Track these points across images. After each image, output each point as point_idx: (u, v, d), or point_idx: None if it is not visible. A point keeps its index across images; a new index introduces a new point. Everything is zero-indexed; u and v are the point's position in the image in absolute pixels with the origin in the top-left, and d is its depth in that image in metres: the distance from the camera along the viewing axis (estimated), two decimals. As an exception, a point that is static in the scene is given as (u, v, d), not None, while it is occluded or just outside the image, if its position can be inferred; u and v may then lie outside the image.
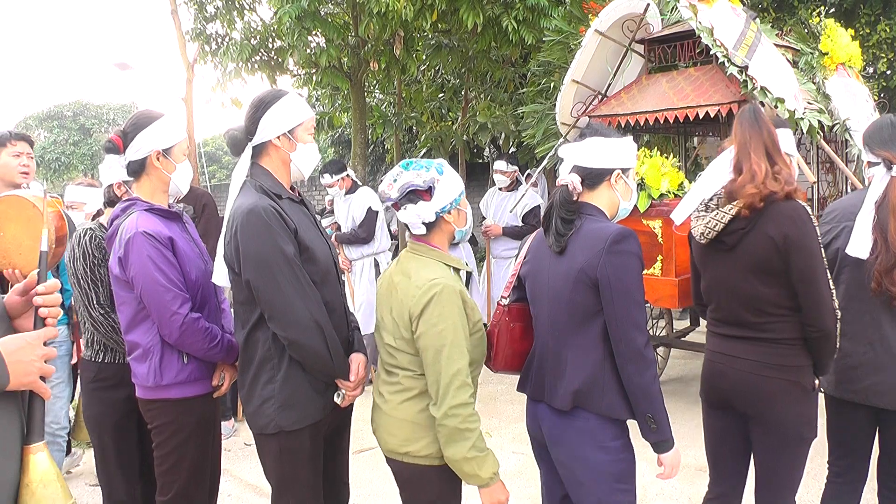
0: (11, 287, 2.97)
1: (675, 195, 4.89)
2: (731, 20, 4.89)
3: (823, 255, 2.38)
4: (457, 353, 2.17)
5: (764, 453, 2.52)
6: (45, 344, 1.50)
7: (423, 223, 2.29)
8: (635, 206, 4.63)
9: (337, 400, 2.48)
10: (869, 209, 2.63)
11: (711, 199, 2.53)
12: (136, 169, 2.64)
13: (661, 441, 2.23)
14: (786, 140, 2.63)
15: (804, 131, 4.69)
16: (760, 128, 2.44)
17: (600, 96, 5.92)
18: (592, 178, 2.33)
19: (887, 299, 2.60)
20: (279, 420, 2.37)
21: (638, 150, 5.23)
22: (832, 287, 2.40)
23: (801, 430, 2.44)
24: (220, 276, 2.50)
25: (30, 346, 1.44)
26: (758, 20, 5.22)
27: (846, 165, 5.38)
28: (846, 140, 5.31)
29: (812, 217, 2.37)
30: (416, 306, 2.20)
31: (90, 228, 2.94)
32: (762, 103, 4.40)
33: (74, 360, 3.90)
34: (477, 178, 14.41)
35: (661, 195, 4.79)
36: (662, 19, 5.54)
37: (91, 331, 2.91)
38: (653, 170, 4.78)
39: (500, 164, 6.78)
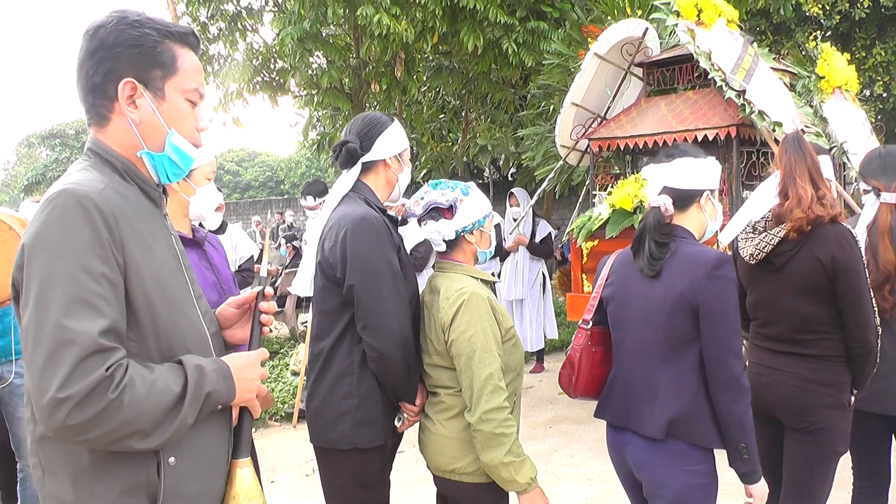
0: None
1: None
2: (729, 44, 4.95)
3: (867, 276, 2.49)
4: (488, 357, 2.18)
5: (797, 463, 2.58)
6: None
7: (444, 240, 2.36)
8: (634, 227, 4.70)
9: (397, 423, 2.46)
10: (861, 232, 2.78)
11: (759, 222, 2.62)
12: None
13: (752, 471, 2.18)
14: (826, 166, 2.72)
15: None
16: (804, 154, 2.55)
17: (600, 119, 5.97)
18: (683, 199, 2.31)
19: (882, 313, 2.73)
20: (354, 437, 2.35)
21: (637, 172, 5.27)
22: (875, 306, 2.50)
23: (836, 444, 2.54)
24: (304, 285, 2.58)
25: (252, 364, 1.54)
26: (755, 44, 5.28)
27: (844, 188, 5.41)
28: (844, 163, 5.35)
29: (857, 240, 2.49)
30: (446, 316, 2.25)
31: None
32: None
33: None
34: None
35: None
36: (661, 43, 5.60)
37: None
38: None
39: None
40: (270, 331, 1.73)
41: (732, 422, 2.14)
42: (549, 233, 6.97)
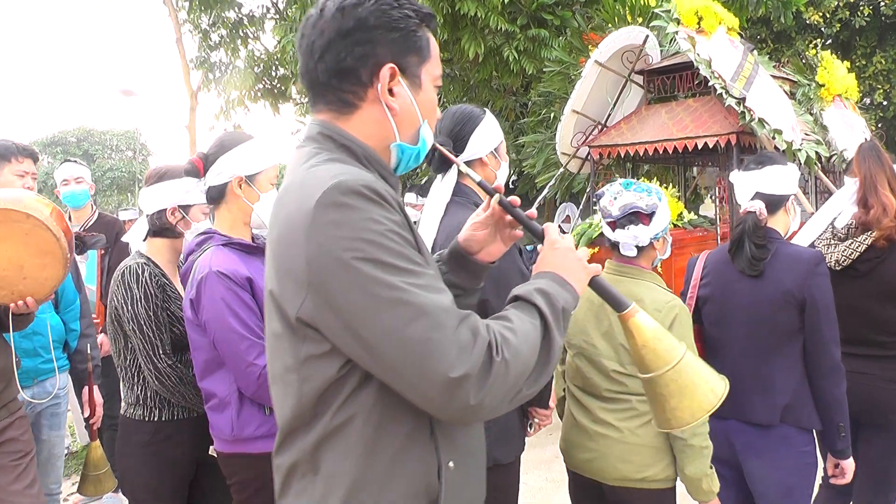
0: (14, 316, 2.52)
1: (675, 225, 4.92)
2: (729, 52, 4.96)
3: None
4: None
5: (876, 458, 2.69)
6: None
7: (636, 246, 2.30)
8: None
9: (529, 430, 2.35)
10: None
11: (840, 230, 2.73)
12: (215, 196, 2.38)
13: (846, 448, 2.38)
14: None
15: (802, 162, 4.73)
16: (883, 164, 2.67)
17: (600, 126, 5.98)
18: (774, 203, 2.48)
19: None
20: (495, 452, 2.12)
21: (637, 180, 5.28)
22: None
23: None
24: None
25: (564, 252, 1.42)
26: (755, 52, 5.30)
27: (844, 196, 5.41)
28: (843, 170, 5.35)
29: None
30: None
31: (145, 264, 2.51)
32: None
33: (88, 416, 3.33)
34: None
35: (661, 224, 4.81)
36: (661, 51, 5.61)
37: (141, 385, 2.52)
38: (652, 199, 4.81)
39: (409, 197, 6.44)
40: None
41: (833, 404, 2.33)
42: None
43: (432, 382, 1.13)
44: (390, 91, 1.31)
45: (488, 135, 2.35)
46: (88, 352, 3.29)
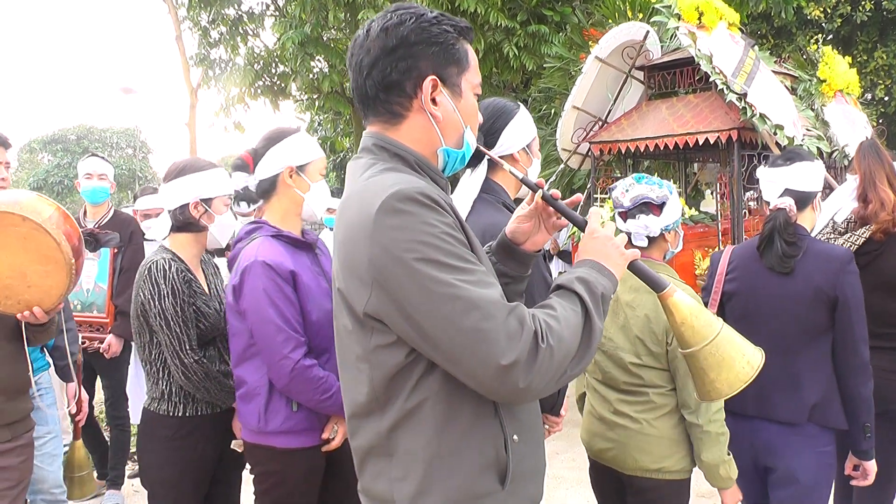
0: (28, 327, 2.36)
1: (676, 220, 4.90)
2: (730, 47, 4.95)
3: None
4: None
5: (882, 452, 2.67)
6: None
7: (647, 236, 2.36)
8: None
9: None
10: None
11: (840, 224, 2.79)
12: (267, 188, 2.40)
13: (871, 448, 2.40)
14: None
15: (803, 157, 4.72)
16: (882, 160, 2.73)
17: (601, 122, 5.97)
18: (803, 200, 2.49)
19: None
20: None
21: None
22: None
23: None
24: None
25: (603, 240, 1.51)
26: (756, 47, 5.28)
27: (845, 191, 5.40)
28: (845, 166, 5.34)
29: None
30: None
31: (171, 259, 2.50)
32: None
33: (75, 412, 3.21)
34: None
35: (662, 220, 4.80)
36: (662, 46, 5.59)
37: (166, 380, 2.51)
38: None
39: None
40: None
41: (861, 404, 2.35)
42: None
43: (486, 369, 1.24)
44: (433, 100, 1.43)
45: (521, 130, 2.32)
46: (67, 347, 3.14)
